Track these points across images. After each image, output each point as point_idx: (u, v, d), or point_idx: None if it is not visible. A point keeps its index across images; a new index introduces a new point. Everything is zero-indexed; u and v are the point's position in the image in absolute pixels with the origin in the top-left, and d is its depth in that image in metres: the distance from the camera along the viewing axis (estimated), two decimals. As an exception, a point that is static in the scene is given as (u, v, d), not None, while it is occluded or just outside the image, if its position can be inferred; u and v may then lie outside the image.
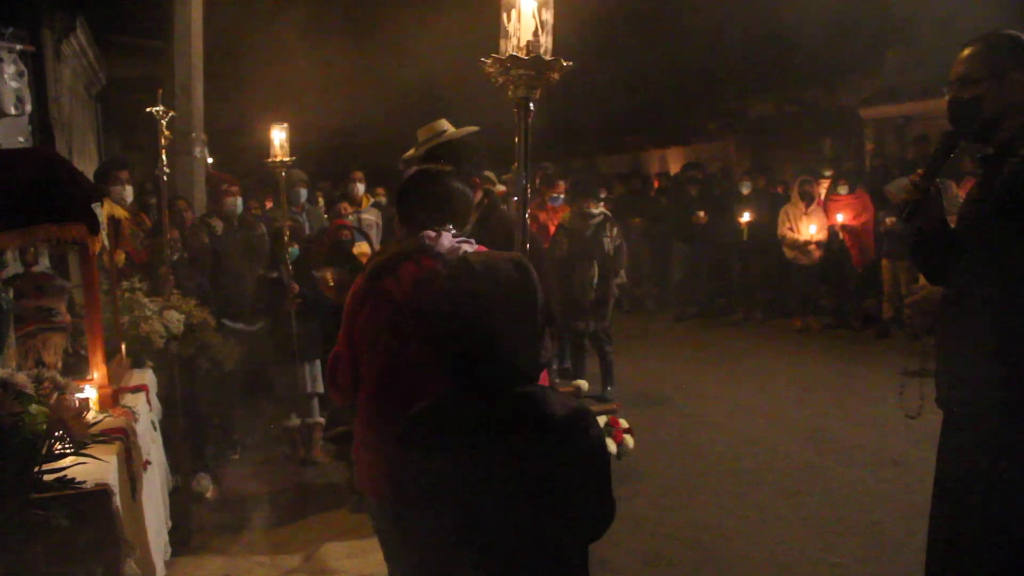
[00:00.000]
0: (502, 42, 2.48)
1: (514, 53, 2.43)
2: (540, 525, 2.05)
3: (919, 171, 2.94)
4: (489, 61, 2.47)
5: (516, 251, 2.57)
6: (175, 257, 6.23)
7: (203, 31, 8.92)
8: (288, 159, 6.15)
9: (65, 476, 2.49)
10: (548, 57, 2.46)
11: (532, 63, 2.43)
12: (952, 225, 2.99)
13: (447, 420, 2.10)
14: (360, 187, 9.50)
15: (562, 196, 9.48)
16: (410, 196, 3.06)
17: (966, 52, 2.90)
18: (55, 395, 2.55)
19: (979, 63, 2.86)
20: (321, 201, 10.77)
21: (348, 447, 4.65)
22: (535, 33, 2.44)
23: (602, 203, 8.83)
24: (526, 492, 2.02)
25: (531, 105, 2.54)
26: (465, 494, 2.03)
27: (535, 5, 2.45)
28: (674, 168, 18.14)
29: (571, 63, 2.49)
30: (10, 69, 5.92)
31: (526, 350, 2.10)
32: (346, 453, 5.31)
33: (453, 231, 2.95)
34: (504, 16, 2.46)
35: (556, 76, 2.49)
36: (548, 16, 2.46)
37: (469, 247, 2.87)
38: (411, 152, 5.70)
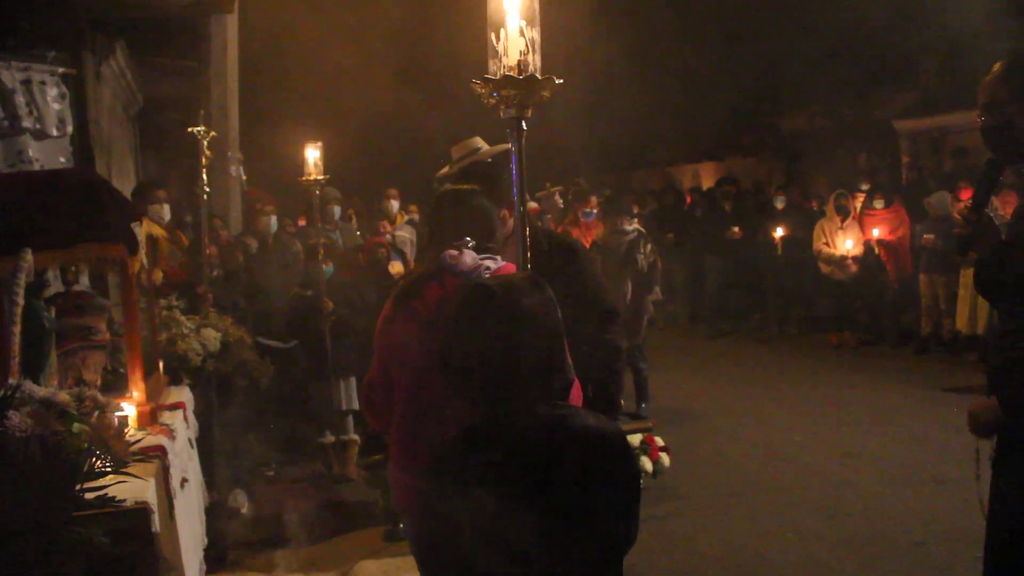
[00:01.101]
0: (491, 62, 2.47)
1: (507, 73, 2.42)
2: (571, 547, 2.02)
3: (967, 203, 2.90)
4: (480, 82, 2.46)
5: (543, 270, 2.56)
6: (214, 273, 6.29)
7: (238, 50, 9.06)
8: (322, 177, 6.20)
9: (105, 494, 2.52)
10: (539, 75, 2.44)
11: (522, 83, 2.42)
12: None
13: (476, 449, 2.08)
14: (395, 204, 9.55)
15: (595, 211, 9.43)
16: (434, 216, 3.13)
17: (987, 78, 2.87)
18: (96, 413, 2.58)
19: (1001, 87, 2.83)
20: (354, 219, 10.84)
21: (383, 472, 4.66)
22: (523, 52, 2.43)
23: (636, 219, 8.80)
24: (557, 514, 2.00)
25: (523, 124, 2.53)
26: (497, 521, 2.01)
27: (523, 24, 2.43)
28: (707, 183, 18.05)
29: (562, 80, 2.48)
30: (52, 91, 6.03)
31: (550, 369, 2.09)
32: (380, 479, 5.31)
33: (473, 246, 2.96)
34: (492, 36, 2.46)
35: (547, 95, 2.48)
36: (535, 34, 2.45)
37: (493, 263, 2.88)
38: (445, 170, 5.73)
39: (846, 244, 10.80)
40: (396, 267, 7.90)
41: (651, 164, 21.41)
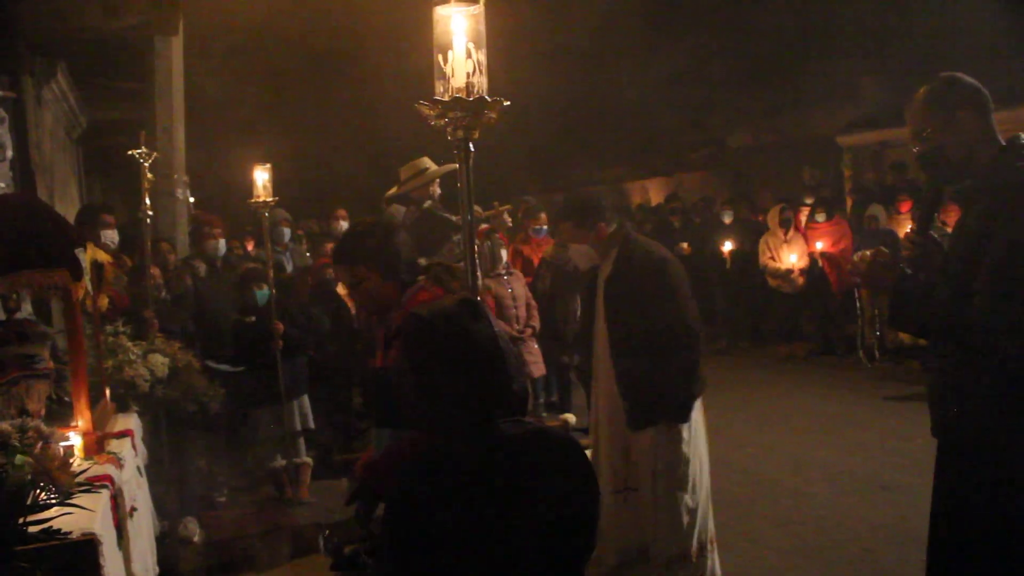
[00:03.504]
0: (438, 83, 2.48)
1: (456, 95, 2.43)
2: (538, 560, 2.04)
3: (912, 226, 2.99)
4: (428, 103, 2.47)
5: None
6: (162, 295, 6.21)
7: (184, 72, 8.96)
8: (271, 199, 6.16)
9: (50, 527, 2.47)
10: (487, 97, 2.46)
11: (468, 104, 2.43)
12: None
13: (440, 470, 2.08)
14: (344, 224, 9.50)
15: (545, 227, 9.45)
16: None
17: (913, 107, 2.97)
18: (39, 444, 2.53)
19: (926, 115, 2.93)
20: (304, 241, 10.78)
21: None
22: (469, 74, 2.44)
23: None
24: (526, 528, 2.02)
25: (471, 146, 2.55)
26: (467, 538, 2.01)
27: (470, 46, 2.45)
28: (656, 199, 18.27)
29: (508, 102, 2.50)
30: (-9, 116, 5.92)
31: (499, 386, 2.09)
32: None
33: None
34: (440, 57, 2.47)
35: (494, 116, 2.50)
36: (482, 56, 2.47)
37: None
38: (394, 190, 5.74)
39: (791, 258, 10.99)
40: (343, 288, 7.87)
41: (601, 181, 21.59)
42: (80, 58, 8.32)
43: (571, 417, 7.79)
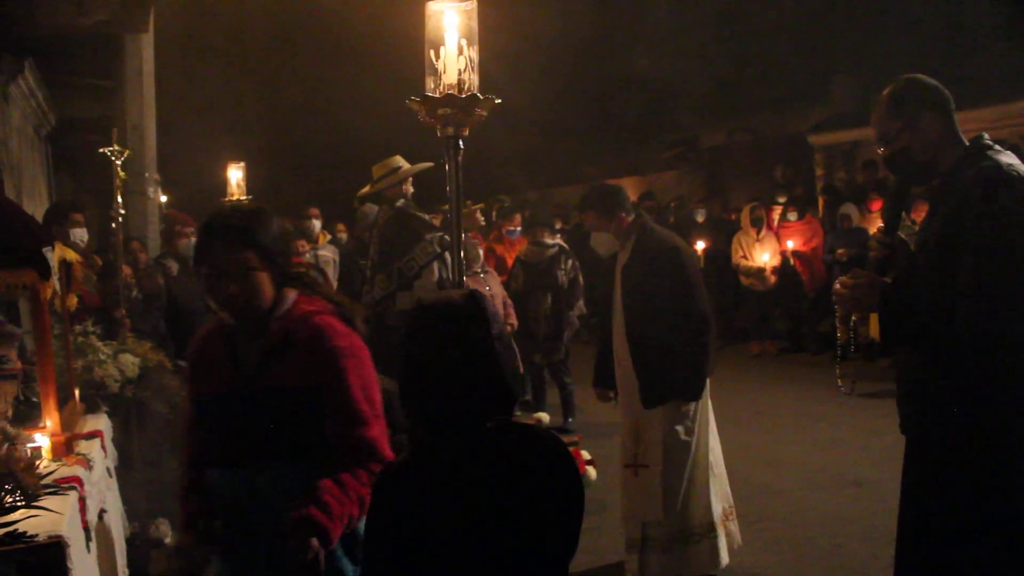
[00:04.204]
0: (428, 79, 2.47)
1: (448, 92, 2.42)
2: (524, 560, 2.05)
3: (880, 226, 3.01)
4: (419, 99, 2.45)
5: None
6: (133, 294, 6.15)
7: (155, 70, 8.88)
8: (245, 197, 6.13)
9: (16, 530, 2.44)
10: (480, 95, 2.45)
11: (461, 101, 2.42)
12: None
13: (425, 469, 2.08)
14: (316, 224, 9.46)
15: (519, 229, 9.48)
16: None
17: (877, 110, 3.00)
18: (5, 446, 2.50)
19: (890, 118, 2.96)
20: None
21: None
22: (462, 71, 2.44)
23: (558, 235, 8.86)
24: (513, 527, 2.03)
25: (460, 143, 2.54)
26: (450, 537, 2.01)
27: (463, 43, 2.44)
28: (630, 198, 18.30)
29: (499, 100, 2.49)
30: (-43, 113, 5.84)
31: (496, 383, 2.09)
32: None
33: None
34: (432, 53, 2.45)
35: (484, 113, 2.49)
36: (473, 54, 2.46)
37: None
38: (366, 189, 5.71)
39: (763, 256, 11.07)
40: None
41: (575, 180, 21.64)
42: (49, 54, 8.22)
43: (544, 416, 7.78)
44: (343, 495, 2.45)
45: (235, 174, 6.07)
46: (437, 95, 2.44)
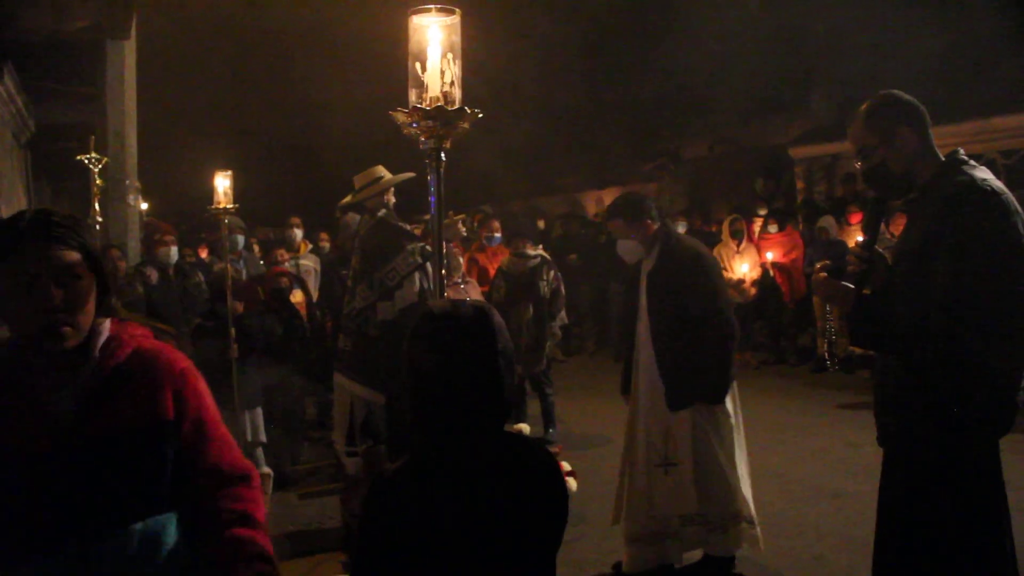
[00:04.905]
0: (412, 91, 2.48)
1: (436, 104, 2.43)
2: (516, 568, 2.09)
3: (859, 240, 3.05)
4: (405, 112, 2.46)
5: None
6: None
7: (136, 78, 8.85)
8: (232, 206, 6.09)
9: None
10: (467, 109, 2.46)
11: (444, 114, 2.43)
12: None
13: (425, 475, 2.09)
14: (298, 233, 9.43)
15: (498, 235, 9.42)
16: None
17: (854, 125, 3.05)
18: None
19: (867, 133, 3.01)
20: (256, 248, 10.68)
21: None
22: (445, 84, 2.45)
23: (540, 246, 8.85)
24: (508, 536, 2.06)
25: (442, 156, 2.55)
26: (447, 541, 2.02)
27: (447, 56, 2.45)
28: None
29: (480, 113, 2.50)
30: (-66, 118, 5.80)
31: (498, 394, 2.10)
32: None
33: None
34: (417, 65, 2.46)
35: (467, 126, 2.51)
36: (456, 68, 2.47)
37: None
38: (348, 199, 5.70)
39: (742, 268, 11.12)
40: (297, 296, 7.80)
41: (556, 191, 21.70)
42: (30, 60, 8.19)
43: (525, 427, 7.79)
44: (259, 530, 2.25)
45: (222, 183, 6.01)
46: (421, 106, 2.45)
